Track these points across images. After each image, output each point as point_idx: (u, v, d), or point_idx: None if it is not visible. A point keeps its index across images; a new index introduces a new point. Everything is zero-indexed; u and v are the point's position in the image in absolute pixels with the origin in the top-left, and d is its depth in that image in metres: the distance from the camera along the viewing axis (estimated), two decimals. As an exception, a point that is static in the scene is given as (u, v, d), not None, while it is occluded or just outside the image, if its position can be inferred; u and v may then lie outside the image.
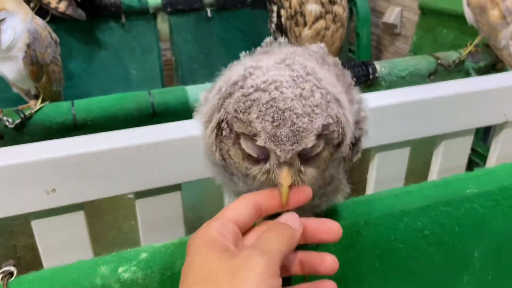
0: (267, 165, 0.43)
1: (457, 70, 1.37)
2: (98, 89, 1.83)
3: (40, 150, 0.71)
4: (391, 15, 2.11)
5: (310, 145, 0.41)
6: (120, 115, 1.06)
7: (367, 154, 0.98)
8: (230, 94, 0.43)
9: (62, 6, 1.58)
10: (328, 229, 0.47)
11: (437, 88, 0.99)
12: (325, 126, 0.41)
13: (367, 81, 1.22)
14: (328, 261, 0.46)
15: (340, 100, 0.44)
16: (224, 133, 0.44)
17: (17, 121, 0.98)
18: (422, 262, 0.64)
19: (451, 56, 1.36)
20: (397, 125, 0.94)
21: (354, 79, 0.53)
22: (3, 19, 0.91)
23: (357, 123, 0.51)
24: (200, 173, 0.79)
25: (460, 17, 1.39)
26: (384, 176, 0.99)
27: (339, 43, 1.09)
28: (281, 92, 0.41)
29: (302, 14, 1.03)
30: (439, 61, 1.30)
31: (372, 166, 0.99)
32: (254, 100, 0.41)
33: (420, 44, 1.74)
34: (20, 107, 1.00)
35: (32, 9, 1.62)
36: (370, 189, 1.00)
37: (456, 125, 0.99)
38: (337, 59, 0.53)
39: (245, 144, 0.43)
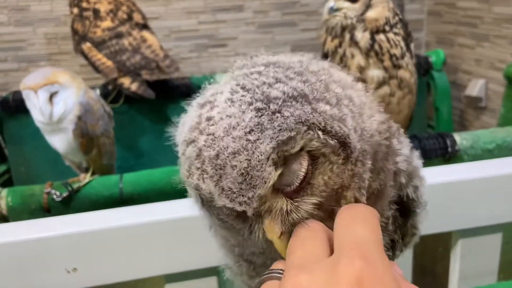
0: (249, 222, 0.33)
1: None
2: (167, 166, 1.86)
3: (60, 224, 0.66)
4: (474, 88, 1.94)
5: (272, 180, 0.31)
6: (167, 189, 1.00)
7: (447, 240, 0.81)
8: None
9: (134, 86, 1.65)
10: None
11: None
12: (282, 144, 0.31)
13: (444, 154, 1.06)
14: None
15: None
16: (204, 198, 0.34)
17: (65, 194, 0.96)
18: None
19: (549, 126, 1.16)
20: (485, 205, 0.77)
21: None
22: (55, 92, 0.93)
23: (410, 176, 0.38)
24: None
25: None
26: (470, 269, 0.79)
27: (407, 111, 0.97)
28: (208, 135, 0.32)
29: (363, 80, 0.94)
30: (534, 132, 1.11)
31: (454, 255, 0.80)
32: (188, 157, 0.33)
33: (509, 117, 1.54)
34: (69, 180, 0.99)
35: (111, 91, 1.73)
36: (453, 286, 0.81)
37: None
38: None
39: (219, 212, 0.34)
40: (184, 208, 0.70)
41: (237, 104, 0.32)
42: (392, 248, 0.40)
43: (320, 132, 0.32)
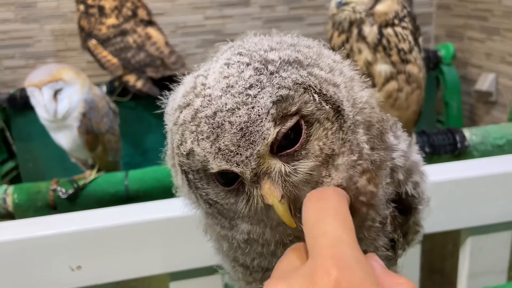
0: (245, 192, 0.33)
1: None
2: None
3: (64, 222, 0.65)
4: (484, 82, 1.91)
5: (271, 136, 0.31)
6: (173, 186, 1.00)
7: (456, 238, 0.79)
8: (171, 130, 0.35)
9: (139, 84, 1.65)
10: None
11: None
12: (281, 101, 0.31)
13: (454, 150, 1.05)
14: None
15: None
16: (191, 178, 0.35)
17: (70, 191, 0.96)
18: None
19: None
20: (495, 202, 0.75)
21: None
22: (60, 89, 0.93)
23: (409, 172, 0.37)
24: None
25: None
26: (479, 267, 0.78)
27: (416, 107, 0.95)
28: (204, 96, 0.32)
29: (370, 76, 0.92)
30: (546, 127, 1.09)
31: (463, 253, 0.79)
32: (181, 124, 0.32)
33: (520, 111, 1.51)
34: (75, 177, 0.99)
35: (117, 88, 1.73)
36: (462, 284, 0.79)
37: None
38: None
39: (213, 179, 0.34)
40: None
41: (234, 66, 0.33)
42: (392, 248, 0.38)
43: (316, 95, 0.32)
